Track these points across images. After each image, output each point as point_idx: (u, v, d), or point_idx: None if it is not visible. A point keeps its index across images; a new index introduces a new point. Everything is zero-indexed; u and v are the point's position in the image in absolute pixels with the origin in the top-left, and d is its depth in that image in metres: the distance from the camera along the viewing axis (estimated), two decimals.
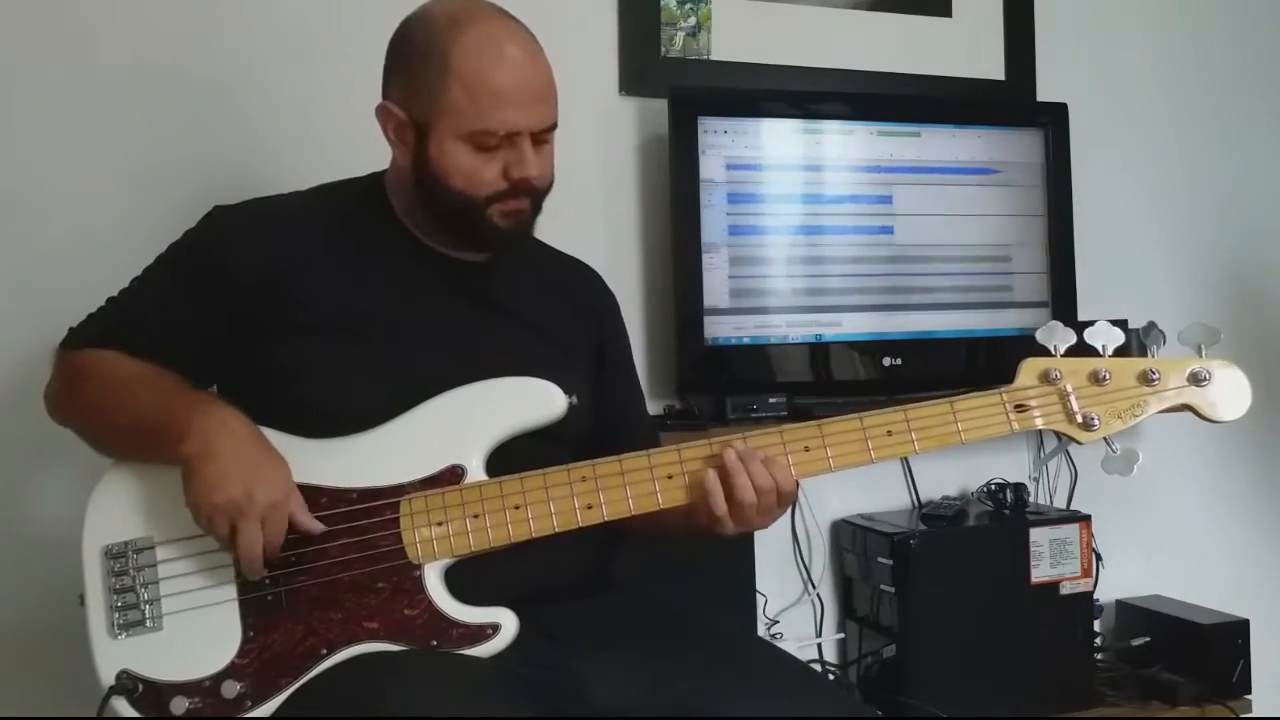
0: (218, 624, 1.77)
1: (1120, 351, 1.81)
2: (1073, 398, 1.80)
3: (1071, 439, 1.81)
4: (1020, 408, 1.81)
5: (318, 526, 1.76)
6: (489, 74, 1.85)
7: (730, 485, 1.78)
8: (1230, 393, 1.81)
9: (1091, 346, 1.80)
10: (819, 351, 3.06)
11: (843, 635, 3.19)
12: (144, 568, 1.78)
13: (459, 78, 1.85)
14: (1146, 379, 1.80)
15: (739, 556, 2.91)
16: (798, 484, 1.84)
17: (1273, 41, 3.73)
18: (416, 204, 1.97)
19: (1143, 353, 1.82)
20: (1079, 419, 1.79)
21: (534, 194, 1.94)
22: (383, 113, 1.95)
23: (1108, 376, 1.79)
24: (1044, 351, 1.81)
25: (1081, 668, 3.06)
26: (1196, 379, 1.80)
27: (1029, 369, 1.82)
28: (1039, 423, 1.81)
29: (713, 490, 1.79)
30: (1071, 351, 1.81)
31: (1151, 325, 1.81)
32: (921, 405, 1.82)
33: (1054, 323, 1.82)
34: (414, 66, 1.90)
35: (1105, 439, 1.80)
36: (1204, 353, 1.81)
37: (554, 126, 1.94)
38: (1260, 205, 3.71)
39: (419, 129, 1.90)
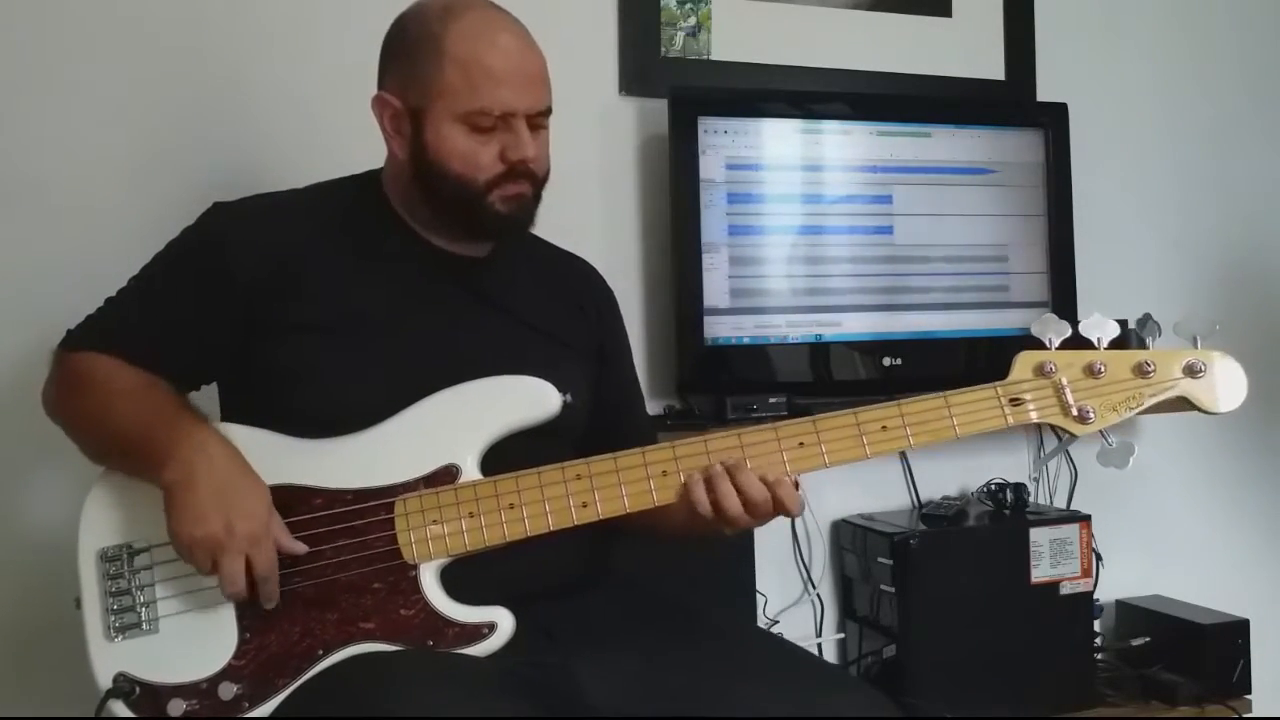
0: (214, 626, 1.77)
1: (1116, 344, 1.80)
2: (1068, 391, 1.79)
3: (1067, 432, 1.80)
4: (1015, 401, 1.80)
5: (300, 548, 1.76)
6: (483, 54, 1.87)
7: (714, 492, 1.78)
8: (1226, 384, 1.80)
9: (1087, 339, 1.80)
10: (819, 351, 3.06)
11: (843, 635, 3.19)
12: (139, 570, 1.79)
13: (453, 59, 1.86)
14: (1142, 371, 1.78)
15: (739, 556, 2.91)
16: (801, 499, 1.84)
17: (1271, 41, 3.73)
18: (416, 196, 1.97)
19: (1139, 345, 1.81)
20: (1074, 412, 1.78)
21: (532, 178, 1.94)
22: (378, 103, 1.96)
23: (1103, 369, 1.78)
24: (1039, 345, 1.81)
25: (1081, 668, 3.06)
26: (1192, 370, 1.79)
27: (1024, 362, 1.81)
28: (1034, 416, 1.80)
29: (698, 498, 1.78)
30: (1067, 344, 1.79)
31: (1147, 317, 1.80)
32: (916, 400, 1.81)
33: (1049, 315, 1.80)
34: (408, 54, 1.92)
35: (1101, 432, 1.80)
36: (1200, 344, 1.80)
37: (549, 111, 1.95)
38: (1259, 205, 3.71)
39: (415, 116, 1.91)
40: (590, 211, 3.01)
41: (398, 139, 1.95)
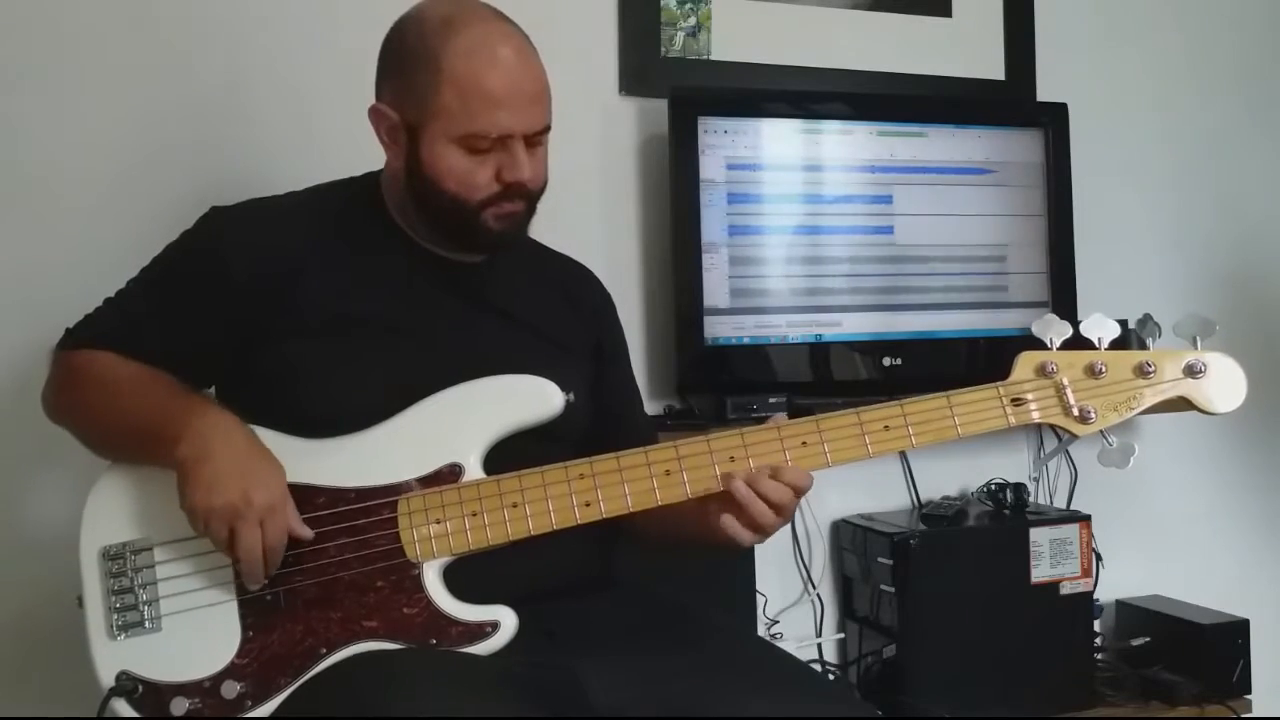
0: (217, 624, 1.77)
1: (1116, 344, 1.80)
2: (1069, 391, 1.79)
3: (1068, 432, 1.81)
4: (1017, 401, 1.80)
5: (308, 532, 1.76)
6: (481, 76, 1.84)
7: (749, 516, 1.78)
8: (1226, 384, 1.80)
9: (1087, 339, 1.80)
10: (819, 351, 3.06)
11: (843, 635, 3.19)
12: (142, 569, 1.78)
13: (450, 80, 1.84)
14: (1142, 371, 1.79)
15: (739, 556, 2.90)
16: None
17: (1270, 41, 3.74)
18: (410, 205, 1.96)
19: (1139, 345, 1.82)
20: (1075, 412, 1.79)
21: (527, 196, 1.93)
22: (375, 114, 1.95)
23: (1104, 369, 1.79)
24: (1040, 345, 1.81)
25: (1081, 668, 3.07)
26: (1192, 371, 1.80)
27: (1025, 362, 1.81)
28: (1035, 416, 1.80)
29: (734, 531, 1.79)
30: (1067, 345, 1.80)
31: (1147, 317, 1.81)
32: (918, 400, 1.81)
33: (1050, 315, 1.80)
34: (406, 68, 1.90)
35: (1102, 432, 1.80)
36: (1199, 344, 1.81)
37: (547, 129, 1.93)
38: (1259, 205, 3.71)
39: (411, 131, 1.90)
40: (590, 211, 3.02)
41: (394, 149, 1.95)
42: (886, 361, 3.10)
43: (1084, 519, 3.06)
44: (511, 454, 1.84)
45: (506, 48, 1.87)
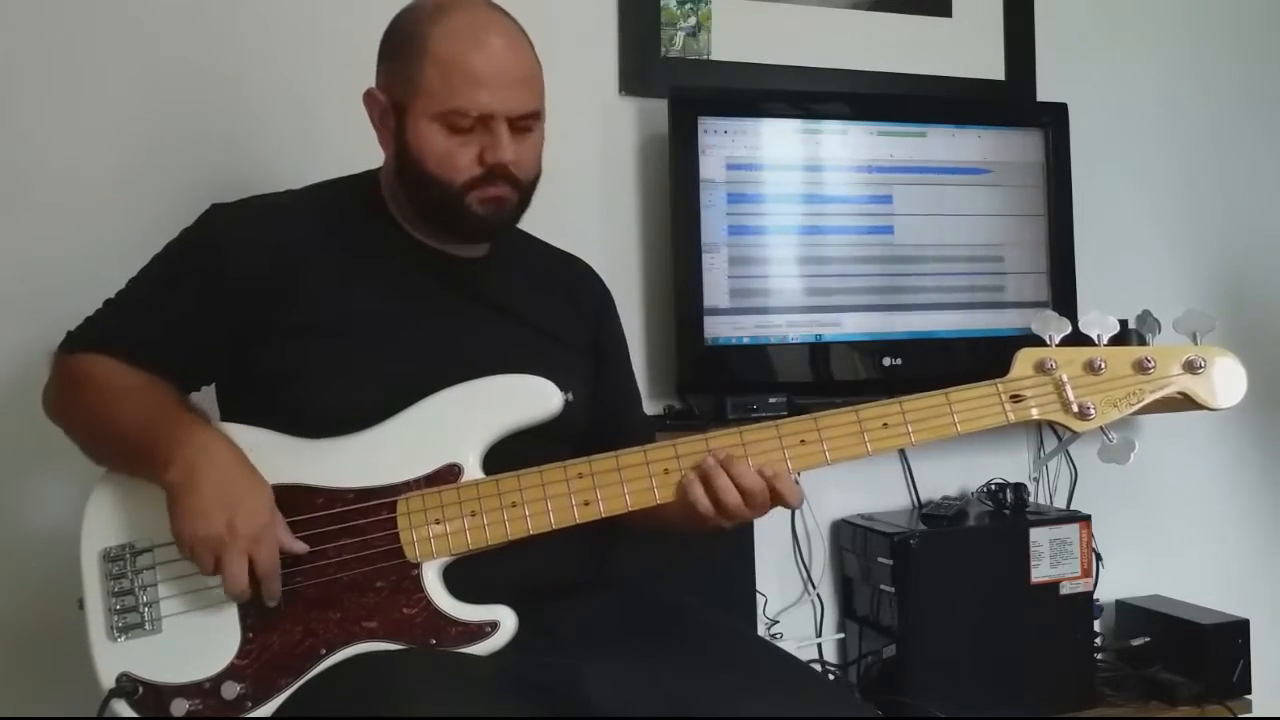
0: (217, 626, 1.76)
1: (1116, 340, 1.80)
2: (1068, 387, 1.79)
3: (1067, 429, 1.81)
4: (1016, 398, 1.80)
5: (301, 547, 1.76)
6: (463, 55, 1.86)
7: (712, 488, 1.79)
8: (1226, 380, 1.81)
9: (1086, 335, 1.80)
10: (819, 351, 3.06)
11: (843, 635, 3.18)
12: (142, 570, 1.78)
13: (434, 58, 1.87)
14: (1142, 367, 1.79)
15: (739, 556, 2.90)
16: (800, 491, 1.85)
17: (1271, 42, 3.74)
18: (401, 193, 1.97)
19: (1138, 342, 1.82)
20: (1075, 408, 1.79)
21: (514, 181, 1.93)
22: (368, 99, 1.98)
23: (1103, 365, 1.79)
24: (1039, 342, 1.81)
25: (1081, 668, 3.06)
26: (1192, 367, 1.80)
27: (1024, 359, 1.82)
28: (1035, 413, 1.80)
29: (696, 496, 1.80)
30: (1067, 341, 1.81)
31: (1146, 314, 1.81)
32: (917, 397, 1.81)
33: (1049, 312, 1.81)
34: (396, 51, 1.93)
35: (1102, 428, 1.80)
36: (1199, 340, 1.81)
37: (535, 115, 1.94)
38: (1260, 205, 3.71)
39: (398, 112, 1.92)
40: (590, 211, 3.01)
41: (384, 133, 1.97)
42: (886, 361, 3.09)
43: (1084, 519, 3.06)
44: (510, 454, 1.84)
45: (493, 33, 1.90)
